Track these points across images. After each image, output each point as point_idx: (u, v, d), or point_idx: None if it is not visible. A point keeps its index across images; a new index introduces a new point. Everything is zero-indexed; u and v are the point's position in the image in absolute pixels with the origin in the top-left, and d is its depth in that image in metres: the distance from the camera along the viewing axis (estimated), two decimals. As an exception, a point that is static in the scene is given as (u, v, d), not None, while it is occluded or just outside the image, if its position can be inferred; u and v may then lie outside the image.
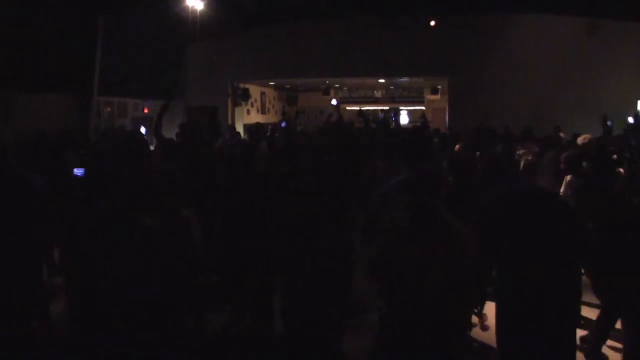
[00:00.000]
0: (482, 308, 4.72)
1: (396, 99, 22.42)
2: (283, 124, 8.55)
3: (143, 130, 8.44)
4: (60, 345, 3.62)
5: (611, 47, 13.41)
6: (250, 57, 15.65)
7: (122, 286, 2.69)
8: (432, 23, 14.72)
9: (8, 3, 9.37)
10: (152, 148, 6.25)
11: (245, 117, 18.02)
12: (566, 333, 3.02)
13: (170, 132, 8.03)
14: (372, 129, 8.06)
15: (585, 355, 4.14)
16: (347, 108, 22.82)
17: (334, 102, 9.09)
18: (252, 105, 19.25)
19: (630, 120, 7.46)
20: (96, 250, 2.69)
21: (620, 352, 4.17)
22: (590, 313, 4.49)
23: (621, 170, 5.41)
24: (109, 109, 13.53)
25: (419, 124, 11.02)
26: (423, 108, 22.46)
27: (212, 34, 15.03)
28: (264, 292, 4.27)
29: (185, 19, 13.90)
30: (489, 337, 4.09)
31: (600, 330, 4.17)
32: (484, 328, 4.65)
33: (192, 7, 13.92)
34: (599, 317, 4.22)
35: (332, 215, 3.47)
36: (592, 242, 3.72)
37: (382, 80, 19.48)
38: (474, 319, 4.80)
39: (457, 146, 6.43)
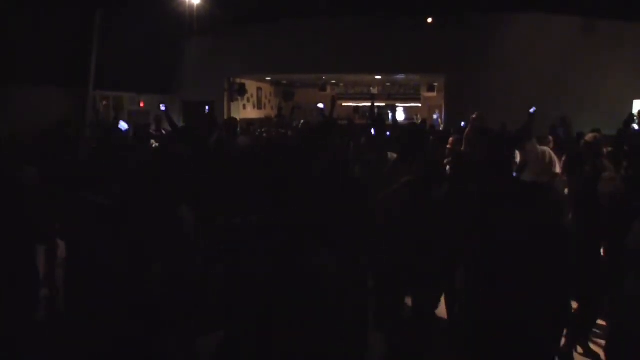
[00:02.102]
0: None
1: (392, 95, 22.46)
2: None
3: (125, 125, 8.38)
4: (56, 340, 3.61)
5: (608, 46, 13.44)
6: (247, 53, 15.61)
7: (119, 283, 2.69)
8: (429, 20, 14.74)
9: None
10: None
11: (241, 112, 17.98)
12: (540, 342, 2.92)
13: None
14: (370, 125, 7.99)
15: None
16: (344, 104, 22.85)
17: (320, 105, 9.00)
18: (248, 101, 19.21)
19: (636, 127, 7.39)
20: (94, 245, 2.69)
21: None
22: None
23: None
24: (105, 103, 13.47)
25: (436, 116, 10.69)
26: (419, 105, 22.51)
27: (209, 28, 14.97)
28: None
29: (182, 14, 13.83)
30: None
31: (575, 329, 4.18)
32: None
33: (189, 1, 13.87)
34: (575, 316, 4.24)
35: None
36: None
37: (378, 77, 19.48)
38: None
39: (450, 139, 6.40)
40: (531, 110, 6.46)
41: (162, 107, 6.77)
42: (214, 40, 15.79)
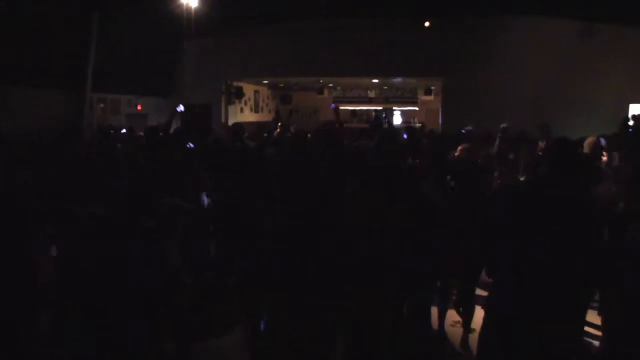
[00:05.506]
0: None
1: (390, 99, 22.44)
2: None
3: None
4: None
5: (606, 51, 13.47)
6: (244, 56, 15.58)
7: (120, 287, 2.66)
8: (427, 24, 14.76)
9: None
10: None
11: (238, 116, 17.96)
12: (563, 342, 2.93)
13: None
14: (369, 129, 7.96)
15: None
16: (341, 107, 22.81)
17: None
18: (245, 104, 19.19)
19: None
20: (93, 252, 2.66)
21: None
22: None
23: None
24: (102, 105, 13.43)
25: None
26: (417, 109, 22.51)
27: (206, 31, 14.96)
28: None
29: (180, 16, 13.83)
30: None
31: None
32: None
33: (186, 4, 13.87)
34: None
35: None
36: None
37: (375, 81, 19.49)
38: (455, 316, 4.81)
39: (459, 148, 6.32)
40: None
41: (180, 108, 6.75)
42: (212, 43, 15.74)
